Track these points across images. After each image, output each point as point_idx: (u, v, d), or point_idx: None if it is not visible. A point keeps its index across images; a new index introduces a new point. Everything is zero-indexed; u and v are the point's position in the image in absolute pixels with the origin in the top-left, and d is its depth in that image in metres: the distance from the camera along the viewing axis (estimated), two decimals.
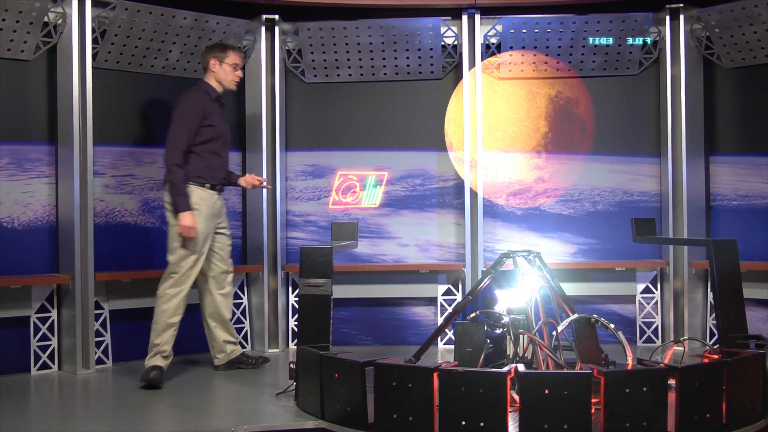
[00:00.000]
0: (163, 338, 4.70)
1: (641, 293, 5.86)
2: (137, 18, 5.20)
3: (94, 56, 5.17)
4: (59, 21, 5.05)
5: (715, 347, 4.30)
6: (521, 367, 3.35)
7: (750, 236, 5.64)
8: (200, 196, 4.78)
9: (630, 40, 5.60)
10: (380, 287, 5.93)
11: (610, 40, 5.64)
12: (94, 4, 5.08)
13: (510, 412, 3.26)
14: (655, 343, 5.74)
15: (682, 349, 4.40)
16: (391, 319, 5.97)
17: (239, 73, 5.00)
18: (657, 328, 5.82)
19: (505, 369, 3.31)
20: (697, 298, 5.68)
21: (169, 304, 4.72)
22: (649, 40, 5.70)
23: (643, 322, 5.85)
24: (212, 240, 4.90)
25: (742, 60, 5.60)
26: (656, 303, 5.84)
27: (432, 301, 5.91)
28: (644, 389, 3.26)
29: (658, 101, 5.83)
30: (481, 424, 3.25)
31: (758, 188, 5.64)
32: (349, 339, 5.93)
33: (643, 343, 5.81)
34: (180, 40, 5.46)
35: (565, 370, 3.72)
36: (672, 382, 3.40)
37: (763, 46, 5.45)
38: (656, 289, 5.84)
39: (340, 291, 5.89)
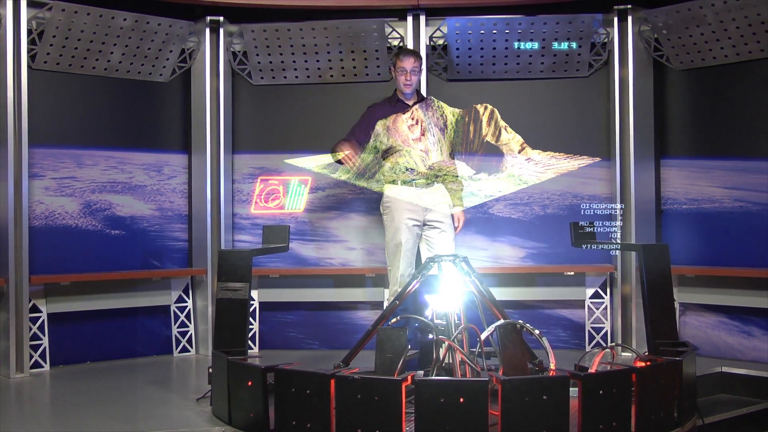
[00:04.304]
0: None
1: (590, 298, 5.77)
2: (75, 19, 5.17)
3: (33, 57, 5.17)
4: None
5: (645, 354, 4.22)
6: (420, 374, 3.29)
7: (700, 240, 5.56)
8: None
9: (555, 45, 5.51)
10: (327, 291, 5.87)
11: (536, 45, 5.55)
12: (29, 4, 5.07)
13: (407, 420, 3.20)
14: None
15: (629, 354, 4.32)
16: (338, 323, 5.91)
17: (409, 76, 4.94)
18: (606, 333, 5.73)
19: (401, 376, 3.25)
20: None
21: None
22: (575, 45, 5.58)
23: (592, 328, 5.76)
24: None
25: (691, 62, 5.51)
26: (606, 308, 5.75)
27: (378, 305, 5.84)
28: (544, 397, 3.19)
29: (609, 103, 5.74)
30: (377, 431, 3.19)
31: (708, 192, 5.54)
32: (295, 343, 5.89)
33: (592, 348, 5.71)
34: (121, 42, 5.42)
35: (462, 378, 3.64)
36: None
37: (711, 48, 5.36)
38: (605, 294, 5.75)
39: (286, 295, 5.89)
